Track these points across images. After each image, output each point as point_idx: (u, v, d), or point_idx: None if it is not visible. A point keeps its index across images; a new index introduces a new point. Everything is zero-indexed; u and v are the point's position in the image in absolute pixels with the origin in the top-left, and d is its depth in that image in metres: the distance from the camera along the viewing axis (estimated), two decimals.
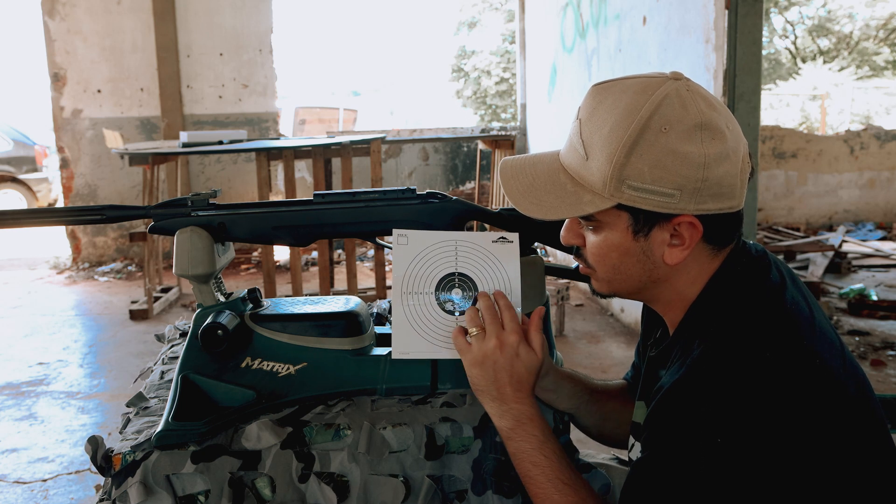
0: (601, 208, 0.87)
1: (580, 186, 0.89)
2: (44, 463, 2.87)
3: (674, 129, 0.83)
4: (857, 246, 6.81)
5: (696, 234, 0.87)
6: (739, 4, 3.09)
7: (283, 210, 1.16)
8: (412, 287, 1.02)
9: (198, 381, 1.09)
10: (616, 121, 0.84)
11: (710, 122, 0.84)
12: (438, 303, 1.02)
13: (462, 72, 17.80)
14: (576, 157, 0.89)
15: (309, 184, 6.78)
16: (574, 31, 5.32)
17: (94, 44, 6.58)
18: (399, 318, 1.02)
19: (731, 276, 0.90)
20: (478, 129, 7.20)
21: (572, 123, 0.92)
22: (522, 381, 0.97)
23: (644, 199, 0.85)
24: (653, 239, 0.88)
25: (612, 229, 0.89)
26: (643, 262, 0.90)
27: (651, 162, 0.83)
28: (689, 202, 0.84)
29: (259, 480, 1.03)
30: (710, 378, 0.82)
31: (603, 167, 0.85)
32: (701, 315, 0.91)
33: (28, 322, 4.97)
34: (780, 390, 0.80)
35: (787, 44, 18.26)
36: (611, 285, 0.95)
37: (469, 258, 1.03)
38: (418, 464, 1.05)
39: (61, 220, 1.19)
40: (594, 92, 0.89)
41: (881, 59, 17.25)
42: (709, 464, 0.79)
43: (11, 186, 10.44)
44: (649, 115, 0.83)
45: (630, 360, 1.27)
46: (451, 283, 1.03)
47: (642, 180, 0.84)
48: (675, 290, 0.93)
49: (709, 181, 0.84)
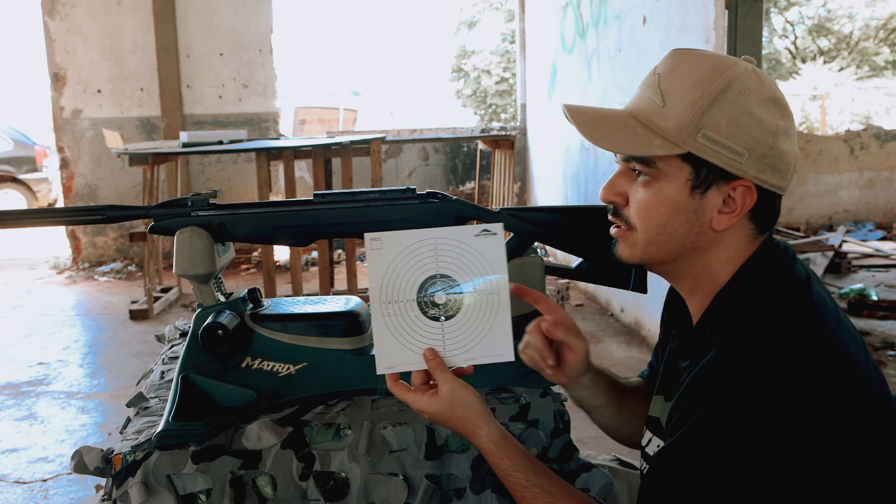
0: (671, 153, 0.88)
1: (650, 131, 0.90)
2: (44, 463, 2.87)
3: (752, 95, 0.87)
4: (857, 246, 6.80)
5: (748, 202, 0.89)
6: (739, 4, 3.09)
7: (283, 210, 1.16)
8: (391, 295, 0.94)
9: (198, 381, 1.09)
10: (702, 75, 0.88)
11: (781, 100, 0.89)
12: (422, 310, 0.95)
13: (462, 72, 17.79)
14: (649, 105, 0.91)
15: (309, 184, 6.78)
16: (574, 31, 5.32)
17: (94, 44, 6.58)
18: (381, 330, 0.94)
19: (763, 265, 0.92)
20: (478, 129, 7.20)
21: (646, 78, 0.94)
22: (460, 423, 0.95)
23: (714, 151, 0.87)
24: (707, 199, 0.89)
25: (669, 181, 0.90)
26: (691, 223, 0.90)
27: (728, 117, 0.86)
28: (752, 166, 0.87)
29: (260, 479, 1.03)
30: (739, 363, 0.82)
31: (682, 113, 0.88)
32: (730, 301, 0.91)
33: (28, 322, 4.97)
34: (809, 377, 0.81)
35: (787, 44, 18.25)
36: (648, 248, 0.93)
37: (450, 256, 0.95)
38: (418, 463, 1.05)
39: (61, 220, 1.19)
40: (676, 53, 0.93)
41: (881, 59, 17.25)
42: (738, 446, 0.79)
43: (11, 186, 10.44)
44: (732, 79, 0.87)
45: (630, 359, 1.27)
46: (434, 285, 0.95)
47: (718, 132, 0.86)
48: (707, 266, 0.93)
49: (775, 150, 0.87)
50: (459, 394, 0.94)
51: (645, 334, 4.16)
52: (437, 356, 0.95)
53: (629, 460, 1.33)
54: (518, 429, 1.08)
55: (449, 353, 0.95)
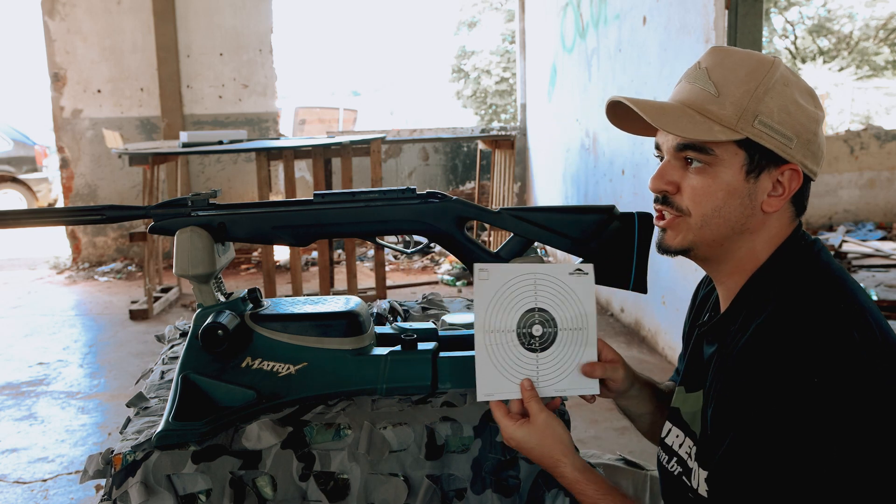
0: (731, 138, 0.93)
1: (708, 119, 0.94)
2: (44, 463, 2.87)
3: (794, 87, 0.95)
4: (857, 246, 6.80)
5: (794, 185, 0.95)
6: (739, 4, 3.09)
7: (283, 210, 1.16)
8: (494, 325, 1.01)
9: (198, 381, 1.09)
10: (752, 66, 0.95)
11: (814, 93, 0.98)
12: (520, 340, 1.02)
13: (462, 72, 17.79)
14: (701, 95, 0.96)
15: (309, 184, 6.78)
16: (574, 31, 5.31)
17: (94, 44, 6.58)
18: (482, 358, 1.01)
19: (798, 246, 0.97)
20: (478, 129, 7.20)
21: (689, 72, 1.00)
22: (547, 452, 1.00)
23: (769, 137, 0.93)
24: (760, 183, 0.95)
25: (726, 167, 0.94)
26: (745, 206, 0.95)
27: (780, 105, 0.93)
28: (798, 151, 0.94)
29: (260, 479, 1.03)
30: (783, 338, 0.86)
31: (740, 100, 0.93)
32: (769, 278, 0.96)
33: (28, 322, 4.97)
34: (854, 340, 0.85)
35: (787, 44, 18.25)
36: (701, 231, 0.97)
37: (547, 292, 1.03)
38: (418, 463, 1.05)
39: (61, 220, 1.19)
40: (718, 49, 0.99)
41: (881, 59, 17.24)
42: (807, 425, 0.82)
43: (11, 186, 10.43)
44: (776, 72, 0.95)
45: (630, 359, 1.28)
46: (532, 319, 1.02)
47: (771, 118, 0.93)
48: (752, 248, 0.98)
49: (817, 137, 0.95)
50: (551, 425, 1.00)
51: (645, 334, 4.16)
52: (532, 387, 1.01)
53: (635, 460, 1.33)
54: None
55: (542, 383, 1.02)
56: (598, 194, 4.89)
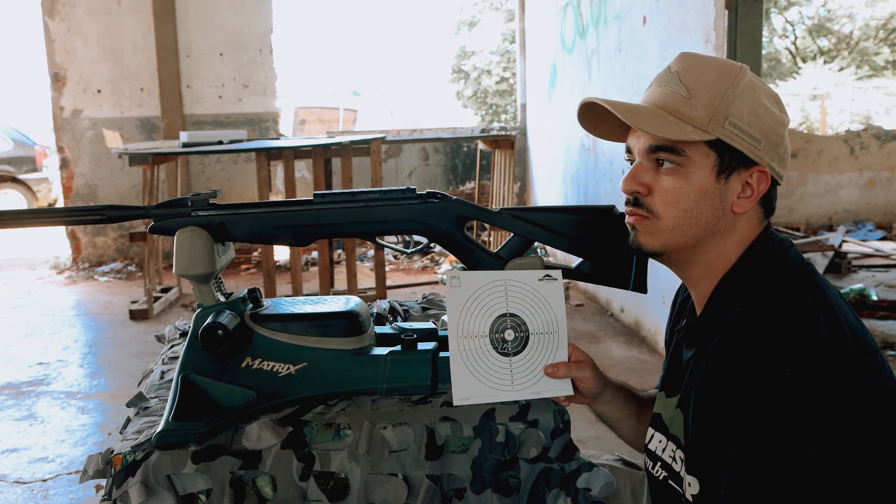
0: (704, 138, 0.95)
1: (680, 120, 0.96)
2: (44, 463, 2.87)
3: (761, 91, 0.98)
4: (857, 246, 6.80)
5: (763, 186, 0.97)
6: (739, 4, 3.09)
7: (283, 210, 1.16)
8: (467, 330, 1.04)
9: (198, 381, 1.09)
10: (721, 70, 0.97)
11: (779, 98, 1.00)
12: (493, 345, 1.05)
13: (462, 72, 17.79)
14: (674, 98, 0.98)
15: (309, 184, 6.78)
16: (574, 31, 5.31)
17: (94, 44, 6.58)
18: (457, 363, 1.04)
19: (766, 246, 0.99)
20: (478, 129, 7.19)
21: (660, 77, 1.01)
22: None
23: (740, 138, 0.95)
24: (730, 184, 0.97)
25: (697, 168, 0.96)
26: (715, 207, 0.97)
27: (748, 108, 0.95)
28: (767, 153, 0.96)
29: (260, 479, 1.03)
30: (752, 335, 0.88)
31: (710, 102, 0.95)
32: (740, 279, 0.98)
33: (28, 322, 4.97)
34: (822, 333, 0.87)
35: (787, 44, 18.25)
36: (672, 233, 0.98)
37: (518, 298, 1.06)
38: (418, 463, 1.05)
39: (61, 220, 1.19)
40: (686, 56, 1.01)
41: (881, 59, 17.25)
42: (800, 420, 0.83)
43: (11, 186, 10.43)
44: (744, 77, 0.97)
45: (630, 359, 1.29)
46: (504, 324, 1.05)
47: (741, 120, 0.95)
48: (723, 250, 1.00)
49: (783, 140, 0.98)
50: None
51: (645, 334, 4.16)
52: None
53: (633, 460, 1.33)
54: (518, 429, 1.08)
55: (516, 386, 1.04)
56: (598, 194, 4.89)
